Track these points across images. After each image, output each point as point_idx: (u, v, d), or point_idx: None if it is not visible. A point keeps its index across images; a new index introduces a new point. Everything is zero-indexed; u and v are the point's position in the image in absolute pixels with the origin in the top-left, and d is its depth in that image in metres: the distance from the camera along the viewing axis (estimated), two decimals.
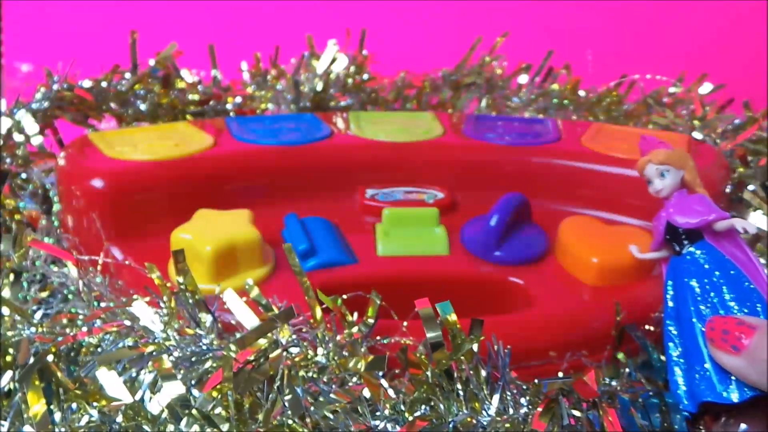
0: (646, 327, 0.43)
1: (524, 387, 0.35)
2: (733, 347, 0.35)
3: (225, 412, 0.33)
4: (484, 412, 0.34)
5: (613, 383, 0.39)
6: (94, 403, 0.35)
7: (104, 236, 0.48)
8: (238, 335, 0.37)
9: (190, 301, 0.38)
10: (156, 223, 0.49)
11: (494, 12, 1.00)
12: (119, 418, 0.34)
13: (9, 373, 0.38)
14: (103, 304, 0.42)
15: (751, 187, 0.54)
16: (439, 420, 0.33)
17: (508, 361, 0.36)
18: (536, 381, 0.35)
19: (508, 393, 0.35)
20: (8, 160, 0.57)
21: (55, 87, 0.62)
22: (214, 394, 0.34)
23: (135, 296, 0.40)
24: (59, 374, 0.36)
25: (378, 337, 0.38)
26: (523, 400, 0.35)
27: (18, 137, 0.58)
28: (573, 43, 0.79)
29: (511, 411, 0.34)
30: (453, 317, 0.37)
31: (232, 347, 0.35)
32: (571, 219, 0.51)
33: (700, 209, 0.40)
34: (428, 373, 0.35)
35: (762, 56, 0.92)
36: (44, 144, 0.60)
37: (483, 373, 0.35)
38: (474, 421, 0.34)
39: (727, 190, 0.54)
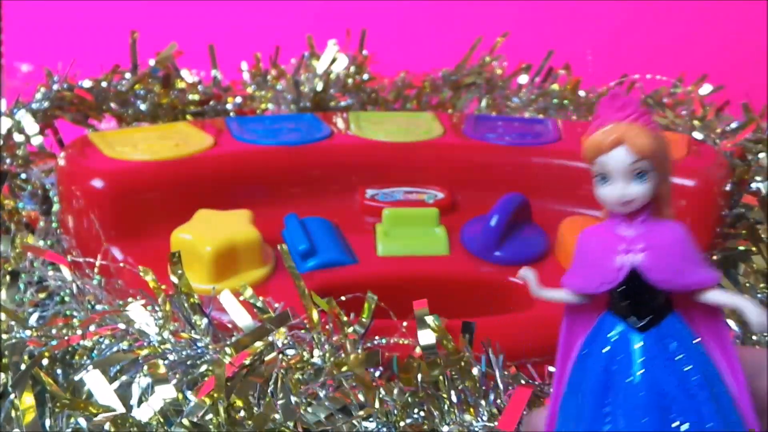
0: None
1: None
2: None
3: (216, 419, 0.33)
4: (479, 418, 0.34)
5: None
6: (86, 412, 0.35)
7: (103, 237, 0.48)
8: (233, 338, 0.37)
9: (185, 304, 0.38)
10: (156, 223, 0.49)
11: (494, 12, 1.00)
12: (107, 426, 0.34)
13: (2, 376, 0.38)
14: (98, 307, 0.42)
15: (754, 185, 0.54)
16: (432, 427, 0.33)
17: (502, 365, 0.36)
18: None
19: (500, 399, 0.34)
20: (8, 161, 0.57)
21: (55, 87, 0.62)
22: (207, 400, 0.34)
23: (130, 299, 0.40)
24: (49, 381, 0.36)
25: (376, 338, 0.38)
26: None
27: (18, 137, 0.58)
28: (573, 43, 0.79)
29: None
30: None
31: (228, 350, 0.35)
32: (571, 219, 0.51)
33: (691, 258, 0.24)
34: (419, 379, 0.35)
35: (762, 56, 0.92)
36: (44, 144, 0.60)
37: (476, 372, 0.35)
38: (466, 429, 0.34)
39: (727, 188, 0.54)
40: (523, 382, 0.36)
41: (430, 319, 0.37)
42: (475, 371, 0.35)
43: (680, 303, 0.25)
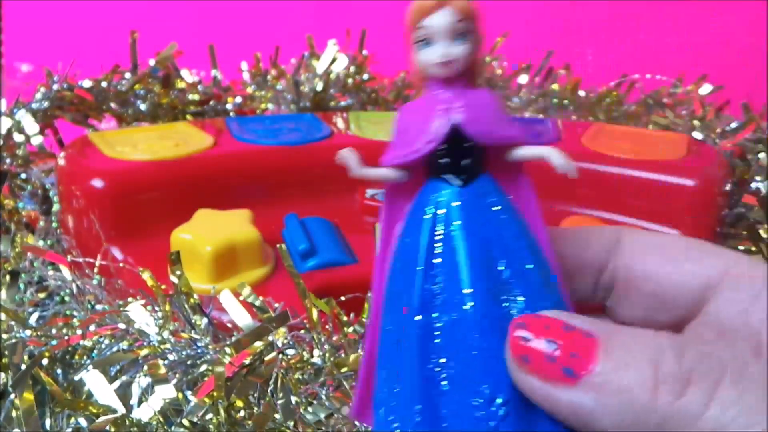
0: None
1: None
2: (566, 372, 0.21)
3: (216, 419, 0.33)
4: None
5: None
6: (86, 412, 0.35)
7: (103, 237, 0.48)
8: (234, 338, 0.37)
9: (185, 304, 0.38)
10: (156, 223, 0.49)
11: (494, 12, 1.00)
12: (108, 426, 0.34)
13: (2, 376, 0.38)
14: (99, 307, 0.42)
15: (754, 185, 0.54)
16: None
17: None
18: None
19: None
20: (8, 160, 0.57)
21: (55, 87, 0.62)
22: (207, 400, 0.34)
23: (130, 299, 0.40)
24: (49, 381, 0.36)
25: None
26: None
27: (18, 137, 0.58)
28: (573, 43, 0.79)
29: None
30: None
31: (228, 350, 0.35)
32: (571, 219, 0.51)
33: (503, 117, 0.26)
34: None
35: (762, 56, 0.92)
36: (44, 144, 0.60)
37: None
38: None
39: (727, 188, 0.54)
40: None
41: None
42: None
43: (491, 166, 0.26)
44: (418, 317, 0.23)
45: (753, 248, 0.48)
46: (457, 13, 0.25)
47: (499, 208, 0.25)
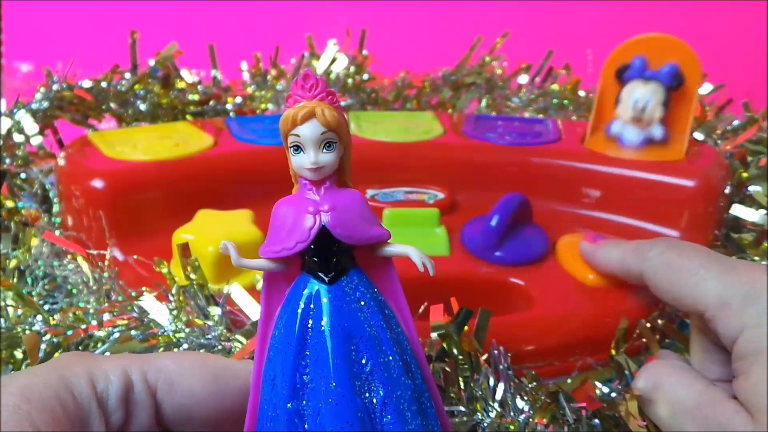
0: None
1: (526, 387, 0.35)
2: None
3: None
4: (485, 413, 0.34)
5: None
6: None
7: (108, 234, 0.48)
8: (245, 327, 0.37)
9: (199, 293, 0.39)
10: (156, 223, 0.49)
11: (494, 12, 1.00)
12: None
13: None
14: (112, 298, 0.42)
15: (752, 188, 0.54)
16: None
17: (508, 363, 0.36)
18: (536, 383, 0.35)
19: (509, 394, 0.35)
20: (8, 160, 0.57)
21: (55, 87, 0.62)
22: None
23: (144, 288, 0.41)
24: None
25: None
26: (524, 404, 0.34)
27: (18, 137, 0.58)
28: (573, 43, 0.79)
29: (511, 414, 0.34)
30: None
31: (241, 338, 0.36)
32: (568, 237, 0.51)
33: (368, 218, 0.28)
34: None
35: (762, 56, 0.92)
36: (44, 144, 0.60)
37: (485, 375, 0.35)
38: (474, 421, 0.34)
39: (727, 190, 0.54)
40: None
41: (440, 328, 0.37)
42: (482, 369, 0.35)
43: (361, 261, 0.28)
44: (289, 405, 0.26)
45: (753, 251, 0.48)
46: (323, 125, 0.27)
47: (364, 303, 0.27)
